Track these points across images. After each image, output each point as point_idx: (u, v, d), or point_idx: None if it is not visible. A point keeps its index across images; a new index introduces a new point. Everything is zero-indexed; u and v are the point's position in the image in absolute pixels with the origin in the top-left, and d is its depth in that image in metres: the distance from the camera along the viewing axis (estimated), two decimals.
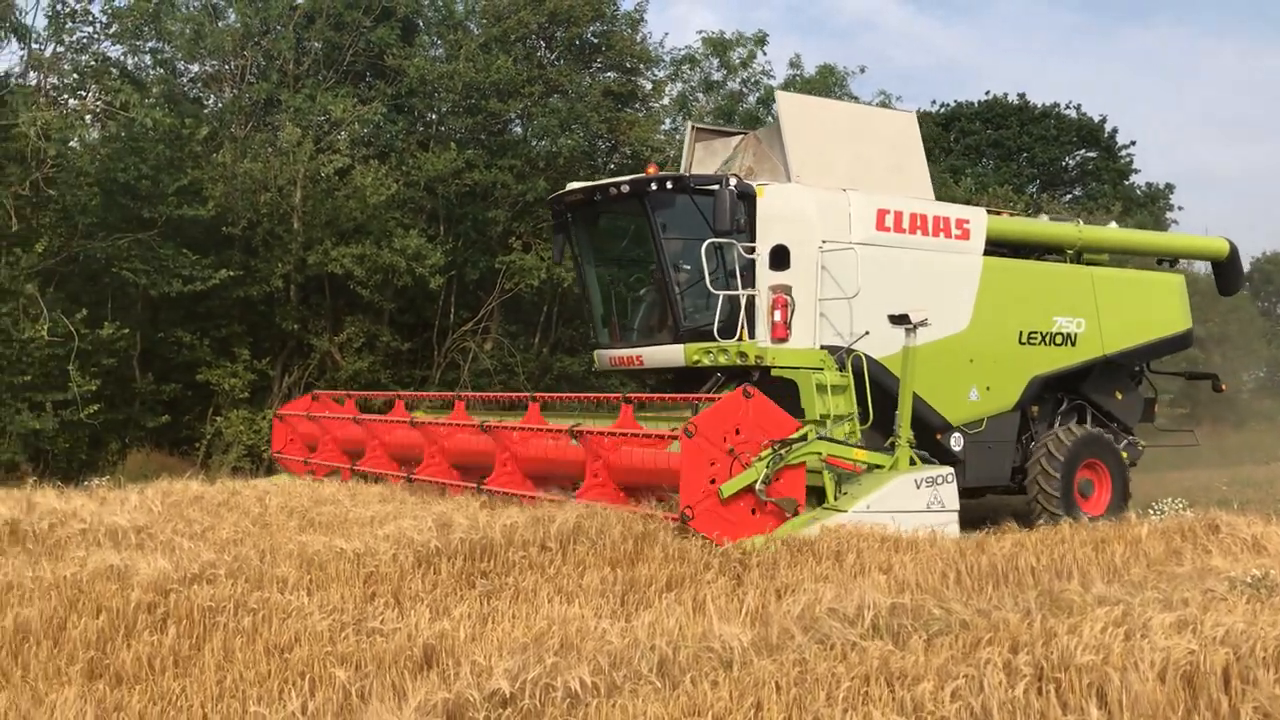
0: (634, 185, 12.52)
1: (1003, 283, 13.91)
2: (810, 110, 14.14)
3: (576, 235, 13.87)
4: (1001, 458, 13.93)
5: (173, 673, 5.99)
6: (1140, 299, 15.32)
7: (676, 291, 12.58)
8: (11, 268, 16.54)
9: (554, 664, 5.66)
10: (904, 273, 12.95)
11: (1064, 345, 14.39)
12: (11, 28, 17.76)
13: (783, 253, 12.44)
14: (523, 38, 23.50)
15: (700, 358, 12.27)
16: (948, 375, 13.26)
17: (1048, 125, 39.74)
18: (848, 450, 10.83)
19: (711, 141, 14.51)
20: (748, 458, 10.01)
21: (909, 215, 13.23)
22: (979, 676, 5.28)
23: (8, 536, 9.59)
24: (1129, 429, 15.25)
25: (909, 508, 10.55)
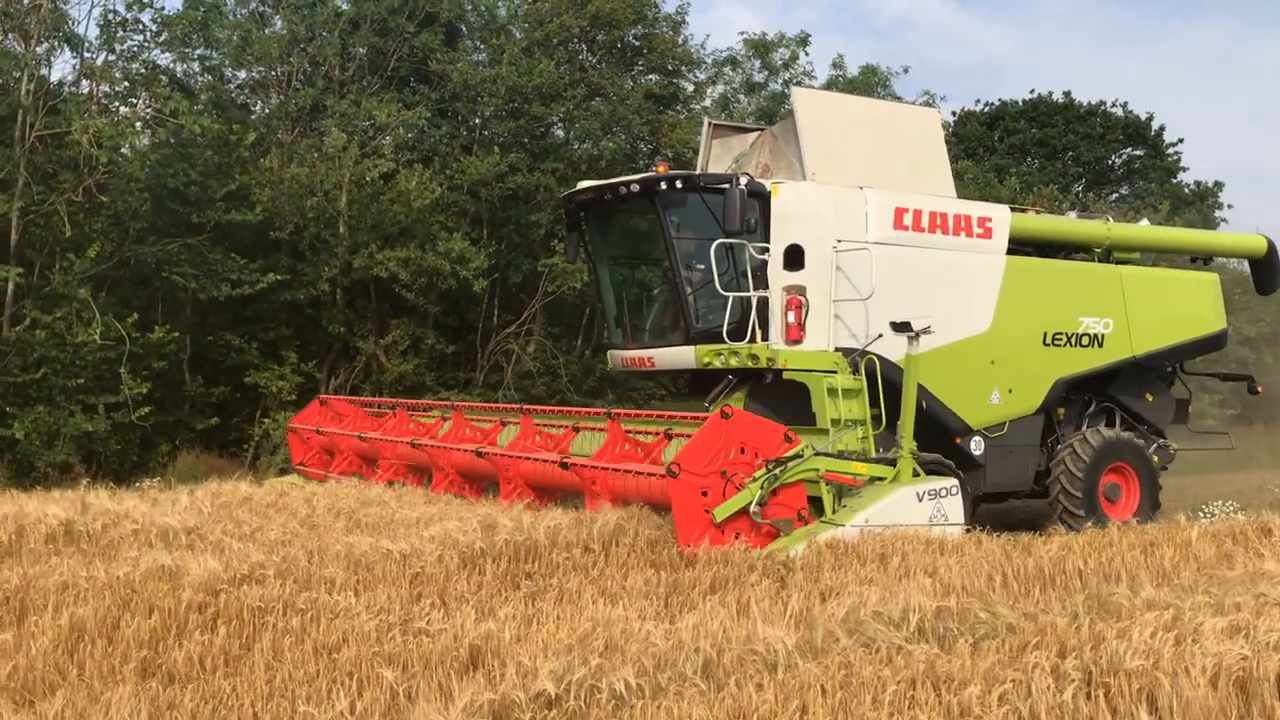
0: (644, 184, 12.30)
1: (1027, 282, 13.55)
2: (827, 106, 13.86)
3: (590, 234, 13.67)
4: (1024, 462, 13.58)
5: (223, 672, 6.07)
6: (1171, 298, 14.90)
7: (688, 292, 12.37)
8: (65, 273, 16.84)
9: (598, 665, 5.68)
10: (922, 273, 12.66)
11: (1090, 346, 14.01)
12: (65, 37, 18.10)
13: (797, 252, 12.17)
14: (564, 41, 23.59)
15: (711, 359, 12.08)
16: (968, 377, 12.96)
17: (1093, 123, 39.25)
18: (846, 464, 10.58)
19: (728, 138, 14.26)
20: (741, 479, 9.76)
21: (928, 214, 12.90)
22: (1026, 681, 5.24)
23: (63, 537, 9.76)
24: (1160, 432, 14.87)
25: (911, 521, 10.23)
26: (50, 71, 18.82)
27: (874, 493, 10.46)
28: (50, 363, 16.57)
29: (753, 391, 12.42)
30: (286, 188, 19.69)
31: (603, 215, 13.38)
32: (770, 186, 12.24)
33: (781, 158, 13.29)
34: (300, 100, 21.51)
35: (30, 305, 16.79)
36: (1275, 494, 16.64)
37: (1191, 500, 15.77)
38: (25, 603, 7.31)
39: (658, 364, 12.90)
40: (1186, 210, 35.15)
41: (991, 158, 37.07)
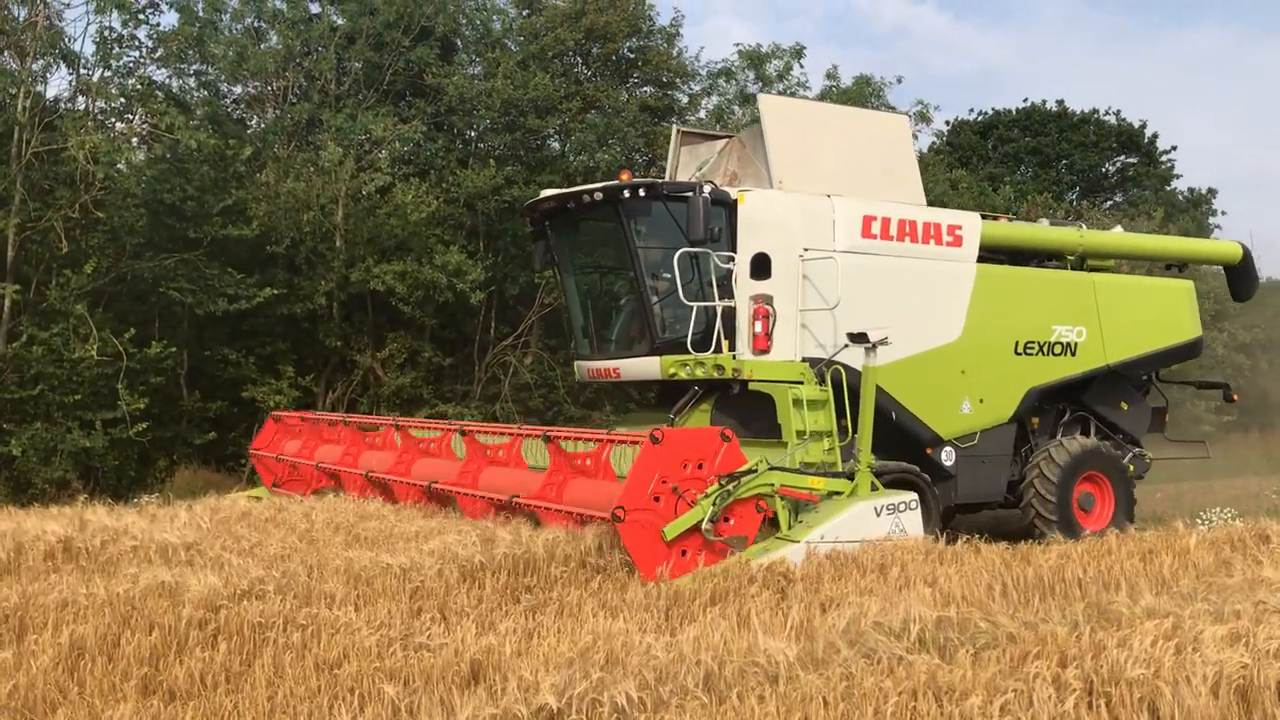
0: (607, 193, 12.12)
1: (998, 291, 13.41)
2: (794, 113, 13.65)
3: (555, 243, 13.45)
4: (996, 472, 13.44)
5: (224, 689, 6.08)
6: (1146, 306, 14.78)
7: (653, 302, 12.19)
8: (62, 289, 16.84)
9: (600, 679, 5.69)
10: (891, 281, 12.53)
11: (1063, 355, 13.87)
12: (61, 54, 18.11)
13: (764, 261, 12.02)
14: (560, 54, 23.66)
15: (677, 370, 11.93)
16: (938, 387, 12.82)
17: (1087, 131, 39.41)
18: (802, 479, 10.40)
19: (696, 146, 14.09)
20: (692, 495, 9.54)
21: (897, 222, 12.76)
22: (1028, 691, 5.26)
23: (61, 554, 9.74)
24: (1136, 440, 14.74)
25: (868, 536, 10.07)
26: (46, 88, 18.90)
27: (831, 508, 10.26)
28: (47, 379, 16.55)
29: (720, 403, 12.33)
30: (283, 202, 19.71)
31: (568, 224, 13.20)
32: (736, 194, 12.09)
33: (749, 165, 13.16)
34: (296, 115, 21.54)
35: (27, 322, 16.78)
36: (1273, 500, 16.69)
37: (1189, 507, 15.81)
38: (25, 621, 7.30)
39: (623, 375, 12.74)
40: (1181, 217, 35.26)
41: (985, 166, 37.19)
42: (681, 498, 9.46)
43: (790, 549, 9.61)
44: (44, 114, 17.17)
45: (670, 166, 13.94)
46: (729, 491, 9.64)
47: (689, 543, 9.47)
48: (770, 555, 9.47)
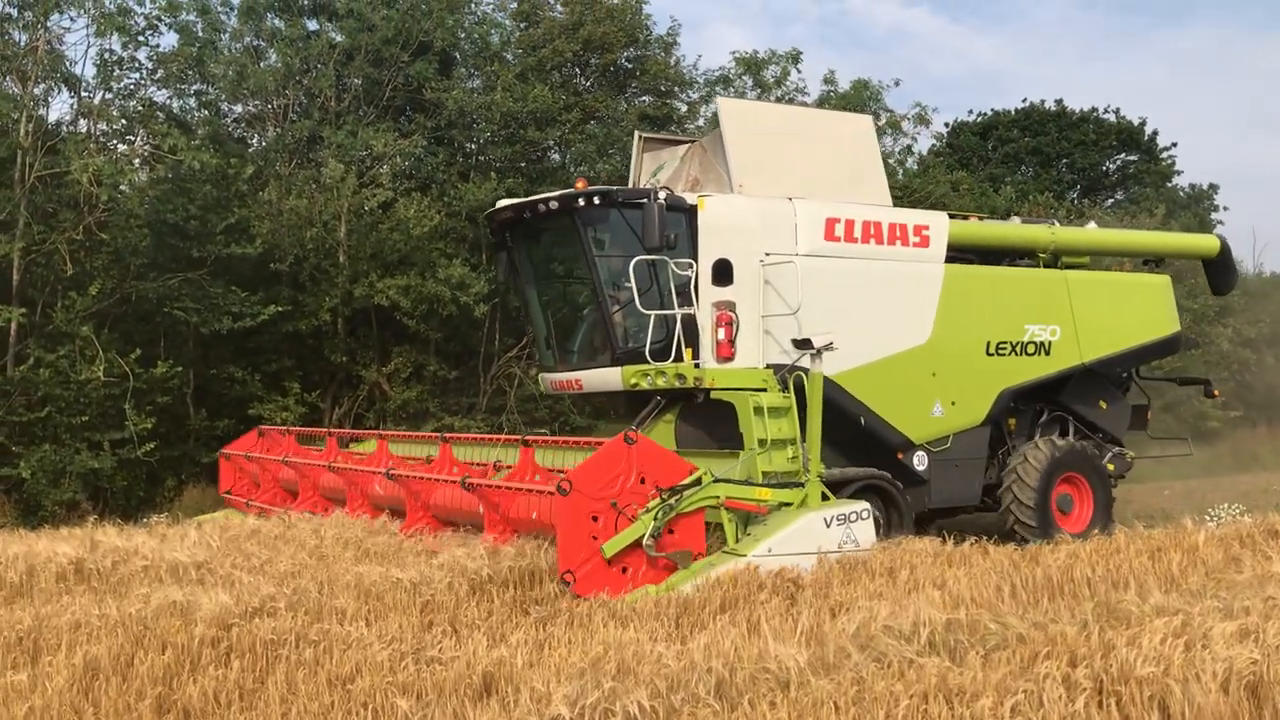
0: (562, 201, 11.90)
1: (967, 291, 13.19)
2: (755, 116, 13.41)
3: (517, 254, 13.16)
4: (970, 476, 13.21)
5: (238, 706, 6.11)
6: (1122, 303, 14.56)
7: (613, 311, 11.92)
8: (67, 310, 16.91)
9: (612, 688, 5.72)
10: (856, 284, 12.36)
11: (1037, 355, 13.65)
12: (62, 77, 18.21)
13: (725, 267, 11.81)
14: (558, 66, 23.74)
15: (639, 380, 11.68)
16: (907, 391, 12.61)
17: (1086, 130, 39.40)
18: (750, 491, 10.18)
19: (659, 151, 13.84)
20: (633, 510, 9.30)
21: (861, 223, 12.56)
22: (1038, 691, 5.28)
23: (73, 575, 9.80)
24: (1117, 439, 14.51)
25: (818, 548, 9.86)
26: (48, 112, 18.94)
27: (779, 520, 10.02)
28: (55, 401, 16.62)
29: (684, 412, 12.17)
30: (286, 219, 19.77)
31: (528, 234, 12.95)
32: (696, 200, 11.89)
33: (710, 170, 12.97)
34: (297, 132, 21.62)
35: (33, 344, 16.84)
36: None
37: (1197, 503, 15.78)
38: (38, 643, 7.35)
39: (586, 386, 12.51)
40: (1182, 214, 35.25)
41: (986, 167, 37.20)
42: (622, 513, 9.22)
43: (736, 564, 9.36)
44: (46, 137, 17.27)
45: (633, 173, 13.74)
46: (671, 506, 9.41)
47: (630, 560, 9.26)
48: (715, 571, 9.21)
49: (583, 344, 12.86)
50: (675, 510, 9.45)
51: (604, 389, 12.41)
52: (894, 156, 28.95)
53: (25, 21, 17.44)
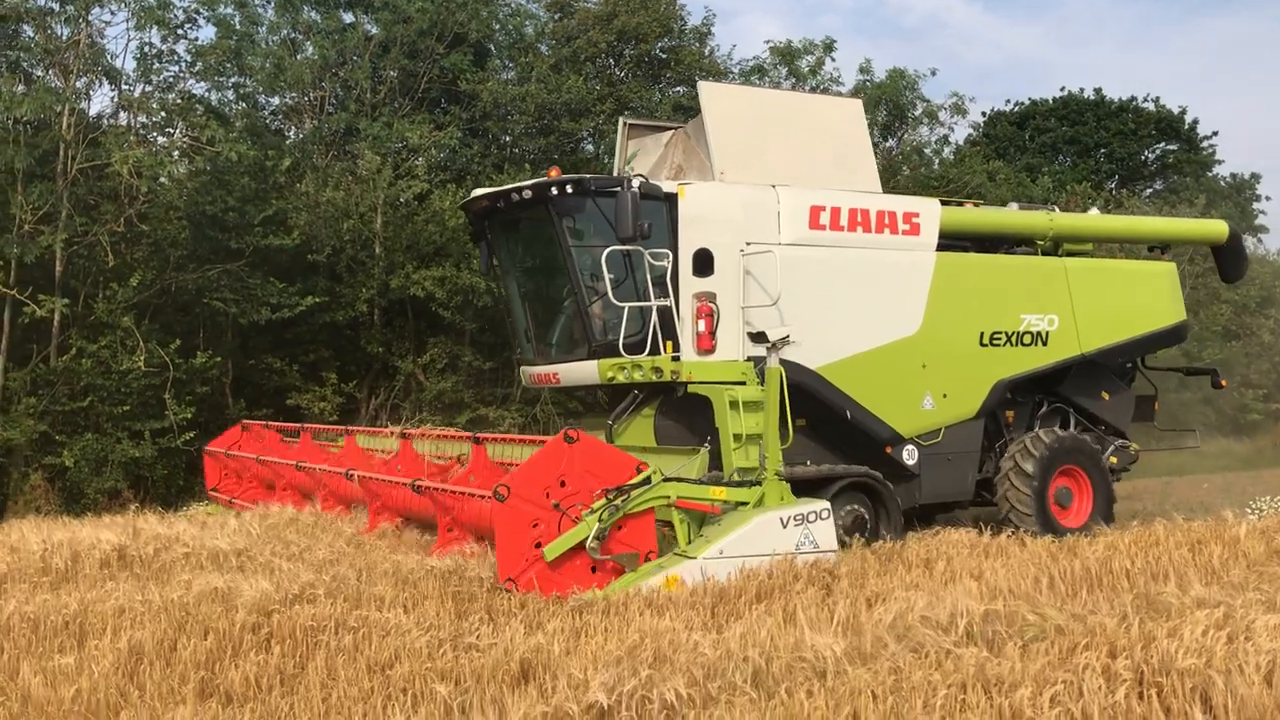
0: (535, 190, 11.54)
1: (960, 280, 12.76)
2: (738, 101, 12.84)
3: (496, 245, 12.81)
4: (962, 470, 12.78)
5: (279, 691, 6.17)
6: (1123, 291, 14.07)
7: (589, 303, 11.57)
8: (109, 302, 17.14)
9: (649, 676, 5.73)
10: (842, 274, 11.97)
11: (1034, 345, 13.21)
12: (103, 71, 18.43)
13: (706, 257, 11.44)
14: (592, 57, 23.76)
15: (615, 374, 11.30)
16: (896, 383, 12.23)
17: (1125, 119, 38.98)
18: (702, 490, 9.78)
19: (644, 138, 13.42)
20: (577, 511, 8.94)
21: (848, 211, 12.15)
22: (1077, 682, 5.25)
23: (116, 562, 9.92)
24: (1120, 431, 14.10)
25: (773, 549, 9.45)
26: (90, 105, 19.20)
27: (733, 520, 9.65)
28: (97, 391, 16.86)
29: (664, 406, 11.84)
30: (323, 211, 19.94)
31: (505, 224, 12.59)
32: (676, 188, 11.54)
33: (694, 157, 12.60)
34: (333, 124, 21.77)
35: (76, 335, 17.09)
36: None
37: (1238, 496, 15.61)
38: (84, 627, 7.46)
39: (563, 380, 12.18)
40: (1223, 204, 34.80)
41: (1023, 157, 36.90)
42: (565, 515, 8.90)
43: (685, 567, 9.09)
44: (88, 130, 17.50)
45: (618, 160, 13.37)
46: (617, 506, 9.06)
47: (575, 562, 8.93)
48: (664, 573, 8.98)
49: (560, 337, 12.50)
50: (621, 511, 9.09)
51: (581, 383, 12.10)
52: (930, 146, 28.79)
53: (67, 15, 17.66)
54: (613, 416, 12.11)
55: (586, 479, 9.05)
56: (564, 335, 12.38)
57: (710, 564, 9.14)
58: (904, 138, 28.37)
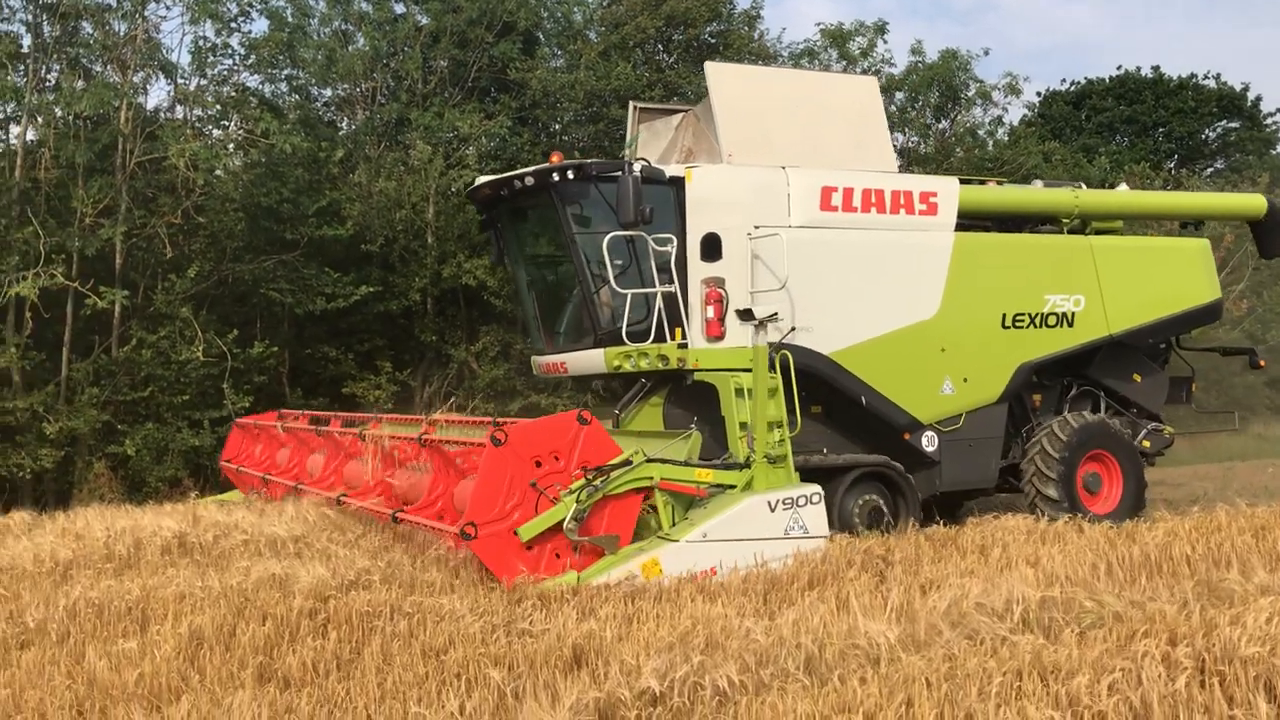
0: (537, 176, 11.34)
1: (980, 260, 12.42)
2: (746, 81, 12.59)
3: (504, 233, 12.62)
4: (985, 457, 12.43)
5: (336, 676, 6.26)
6: (1154, 270, 13.56)
7: (593, 291, 11.38)
8: (167, 293, 17.43)
9: (701, 662, 5.74)
10: (855, 256, 11.71)
11: (1059, 327, 12.81)
12: (160, 65, 18.71)
13: (714, 242, 11.22)
14: (641, 43, 23.69)
15: (621, 363, 11.11)
16: (913, 368, 11.91)
17: (1185, 97, 38.18)
18: (687, 472, 9.56)
19: (654, 122, 13.20)
20: (555, 492, 8.73)
21: (861, 192, 11.84)
22: (1136, 670, 5.17)
23: (177, 548, 10.12)
24: (1154, 414, 13.66)
25: (760, 534, 9.25)
26: (147, 99, 19.50)
27: (720, 503, 9.45)
28: (157, 381, 17.16)
29: (673, 395, 11.67)
30: (375, 201, 20.09)
31: (512, 213, 12.42)
32: (684, 172, 11.32)
33: (703, 140, 12.33)
34: (385, 115, 21.92)
35: (136, 326, 17.40)
36: None
37: None
38: (146, 612, 7.62)
39: (570, 369, 11.99)
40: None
41: (1079, 138, 36.30)
42: (543, 495, 8.69)
43: (666, 550, 8.89)
44: (145, 124, 17.77)
45: (629, 145, 13.16)
46: (596, 487, 8.85)
47: (554, 543, 8.71)
48: (644, 555, 8.78)
49: (568, 325, 12.28)
50: (601, 492, 8.89)
51: (589, 372, 11.88)
52: (984, 127, 28.39)
53: (124, 11, 17.94)
54: (620, 405, 11.92)
55: (580, 463, 8.90)
56: (571, 324, 12.21)
57: (693, 547, 8.95)
58: (957, 119, 28.00)
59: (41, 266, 15.97)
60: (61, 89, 17.18)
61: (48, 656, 6.67)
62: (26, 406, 16.07)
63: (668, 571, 8.71)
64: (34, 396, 16.24)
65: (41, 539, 10.84)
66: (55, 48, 17.49)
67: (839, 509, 10.98)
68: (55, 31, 17.40)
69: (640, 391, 11.86)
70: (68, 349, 17.02)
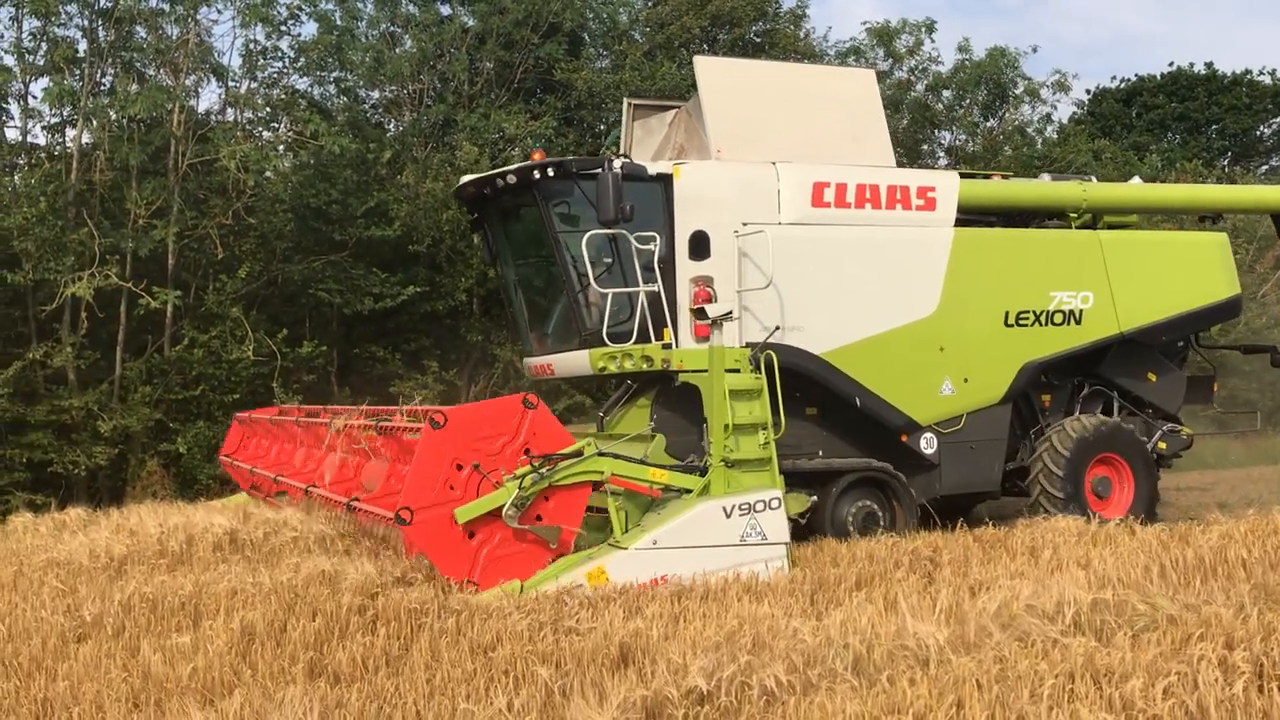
0: (519, 174, 11.12)
1: (981, 257, 12.08)
2: (736, 76, 12.39)
3: (492, 233, 12.40)
4: (988, 459, 12.10)
5: (385, 672, 6.32)
6: (1167, 265, 13.10)
7: (578, 291, 11.13)
8: (218, 293, 17.67)
9: (748, 662, 5.73)
10: (848, 253, 11.43)
11: (1066, 324, 12.41)
12: (211, 68, 18.97)
13: (702, 239, 10.98)
14: (686, 43, 23.69)
15: (606, 364, 10.85)
16: (911, 367, 11.63)
17: (1239, 94, 37.55)
18: (640, 470, 9.22)
19: (648, 119, 12.89)
20: (499, 476, 8.39)
21: (855, 187, 11.54)
22: (1192, 674, 5.10)
23: (228, 545, 10.23)
24: (1171, 415, 13.25)
25: (715, 541, 8.89)
26: (198, 102, 19.77)
27: (673, 509, 9.12)
28: (208, 379, 17.41)
29: (661, 396, 11.39)
30: (423, 202, 20.23)
31: (499, 212, 12.17)
32: (671, 168, 11.07)
33: (695, 136, 12.01)
34: (432, 116, 22.07)
35: (188, 326, 17.65)
36: None
37: None
38: (199, 608, 7.72)
39: (557, 371, 11.79)
40: None
41: (1130, 135, 35.83)
42: (486, 478, 8.35)
43: (613, 558, 8.63)
44: (197, 127, 18.02)
45: (624, 142, 12.85)
46: (542, 475, 8.52)
47: (491, 531, 8.40)
48: (592, 564, 8.56)
49: (555, 326, 12.03)
50: (547, 480, 8.55)
51: (575, 373, 11.67)
52: (1033, 125, 28.09)
53: (177, 15, 18.20)
54: (605, 408, 11.75)
55: (483, 444, 8.54)
56: (558, 324, 11.97)
57: (642, 554, 8.68)
58: (1005, 117, 27.73)
59: (96, 267, 16.25)
60: (116, 92, 17.46)
61: (104, 650, 6.79)
62: (81, 405, 16.36)
63: (614, 580, 8.45)
64: (89, 395, 16.53)
65: (97, 535, 11.01)
66: (110, 52, 17.76)
67: (833, 514, 10.86)
68: (110, 36, 17.68)
69: (626, 394, 11.66)
70: (121, 348, 17.30)
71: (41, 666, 6.55)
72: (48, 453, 16.31)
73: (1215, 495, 14.81)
